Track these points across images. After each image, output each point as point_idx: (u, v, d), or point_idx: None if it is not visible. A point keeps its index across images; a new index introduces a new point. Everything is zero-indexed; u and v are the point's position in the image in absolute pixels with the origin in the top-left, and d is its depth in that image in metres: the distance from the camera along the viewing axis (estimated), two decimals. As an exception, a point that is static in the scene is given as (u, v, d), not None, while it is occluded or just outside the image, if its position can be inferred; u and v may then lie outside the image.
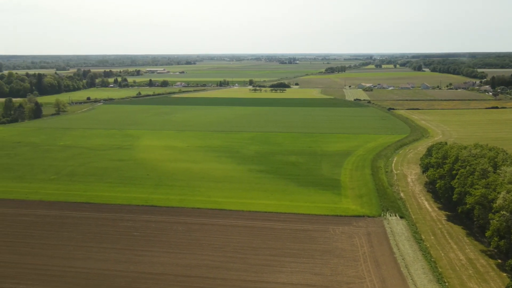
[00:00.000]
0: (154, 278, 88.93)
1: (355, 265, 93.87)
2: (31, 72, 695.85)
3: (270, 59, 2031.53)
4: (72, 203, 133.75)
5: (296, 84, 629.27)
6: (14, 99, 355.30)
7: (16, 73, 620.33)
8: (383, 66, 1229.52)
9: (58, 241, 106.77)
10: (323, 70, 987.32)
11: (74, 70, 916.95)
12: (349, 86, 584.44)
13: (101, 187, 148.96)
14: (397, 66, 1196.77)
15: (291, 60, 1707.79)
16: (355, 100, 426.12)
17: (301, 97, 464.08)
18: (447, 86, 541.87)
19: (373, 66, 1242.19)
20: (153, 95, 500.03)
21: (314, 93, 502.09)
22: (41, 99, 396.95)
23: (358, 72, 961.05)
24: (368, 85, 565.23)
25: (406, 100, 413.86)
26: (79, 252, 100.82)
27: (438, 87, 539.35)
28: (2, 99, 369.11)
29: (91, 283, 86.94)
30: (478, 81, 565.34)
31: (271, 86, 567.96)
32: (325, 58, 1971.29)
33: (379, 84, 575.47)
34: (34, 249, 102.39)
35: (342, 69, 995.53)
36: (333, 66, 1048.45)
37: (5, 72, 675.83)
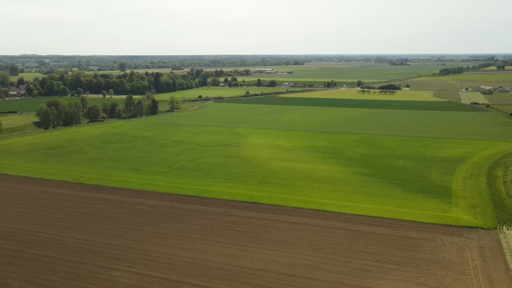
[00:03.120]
0: (254, 273, 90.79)
1: (465, 279, 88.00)
2: (150, 71, 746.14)
3: (380, 60, 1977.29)
4: (181, 195, 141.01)
5: (407, 86, 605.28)
6: (134, 96, 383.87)
7: (137, 72, 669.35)
8: (506, 67, 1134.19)
9: (168, 231, 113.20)
10: (437, 71, 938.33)
11: (188, 69, 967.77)
12: (466, 89, 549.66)
13: (209, 182, 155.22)
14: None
15: (402, 61, 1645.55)
16: (471, 103, 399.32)
17: (411, 99, 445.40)
18: None
19: (494, 68, 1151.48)
20: (260, 94, 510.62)
21: (426, 96, 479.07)
22: (158, 97, 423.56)
23: (477, 73, 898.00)
24: (487, 87, 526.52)
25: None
26: (186, 242, 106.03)
27: None
28: (124, 96, 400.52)
29: (196, 273, 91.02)
30: None
31: (380, 88, 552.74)
32: (439, 59, 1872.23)
33: (501, 87, 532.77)
34: (147, 237, 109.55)
35: (459, 70, 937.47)
36: (448, 68, 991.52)
37: (128, 71, 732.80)
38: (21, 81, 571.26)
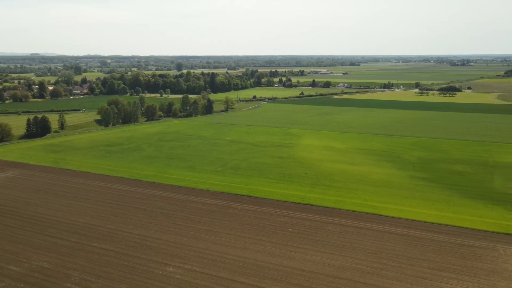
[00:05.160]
0: (305, 275, 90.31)
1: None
2: (205, 71, 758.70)
3: (440, 60, 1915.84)
4: (234, 194, 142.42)
5: (469, 88, 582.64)
6: (190, 96, 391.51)
7: (193, 72, 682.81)
8: None
9: (220, 229, 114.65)
10: (502, 73, 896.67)
11: (243, 69, 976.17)
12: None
13: (261, 182, 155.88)
14: None
15: (464, 62, 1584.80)
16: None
17: (473, 102, 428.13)
18: None
19: None
20: (315, 95, 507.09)
21: (489, 98, 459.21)
22: (213, 96, 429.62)
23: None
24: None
25: None
26: (238, 241, 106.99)
27: None
28: (180, 96, 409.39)
29: (247, 272, 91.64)
30: None
31: (439, 90, 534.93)
32: (504, 60, 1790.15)
33: None
34: (200, 234, 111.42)
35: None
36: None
37: (184, 71, 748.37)
38: (84, 81, 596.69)
